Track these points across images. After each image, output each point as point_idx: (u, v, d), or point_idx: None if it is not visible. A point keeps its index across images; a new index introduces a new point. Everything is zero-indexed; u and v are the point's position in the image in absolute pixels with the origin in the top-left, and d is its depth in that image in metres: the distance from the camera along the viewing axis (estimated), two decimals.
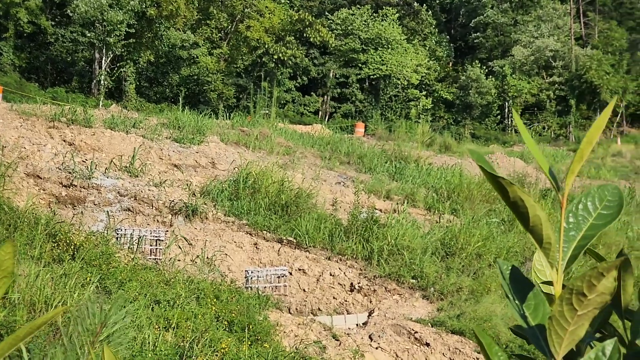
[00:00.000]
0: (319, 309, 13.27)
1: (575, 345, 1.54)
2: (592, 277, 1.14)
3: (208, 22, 55.75)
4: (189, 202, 15.30)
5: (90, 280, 9.42)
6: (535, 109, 65.27)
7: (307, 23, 54.23)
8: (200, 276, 11.90)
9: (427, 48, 69.27)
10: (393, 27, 63.14)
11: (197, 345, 8.19)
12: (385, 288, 13.55)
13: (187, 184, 16.82)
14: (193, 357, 7.98)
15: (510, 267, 1.43)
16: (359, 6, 65.82)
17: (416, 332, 11.35)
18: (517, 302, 1.35)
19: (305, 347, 9.72)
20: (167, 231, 14.05)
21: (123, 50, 46.78)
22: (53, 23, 49.46)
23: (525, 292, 1.36)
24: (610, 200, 1.36)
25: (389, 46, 62.13)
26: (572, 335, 1.18)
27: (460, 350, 10.97)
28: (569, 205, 1.35)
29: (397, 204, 18.58)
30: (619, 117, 64.63)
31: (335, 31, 60.88)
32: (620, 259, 1.14)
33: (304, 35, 55.13)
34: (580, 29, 72.05)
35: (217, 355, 8.20)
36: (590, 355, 1.17)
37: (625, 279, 1.77)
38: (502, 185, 1.24)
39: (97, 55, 46.62)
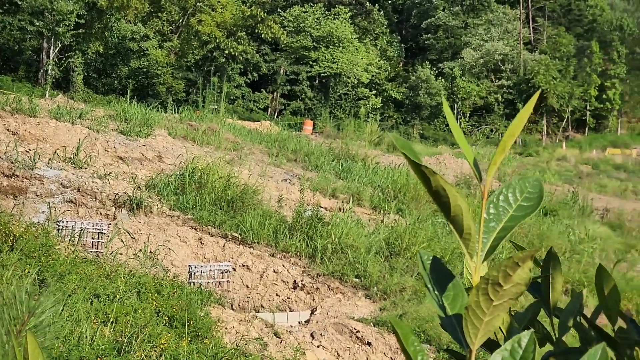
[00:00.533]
0: (261, 306, 13.22)
1: (503, 341, 1.54)
2: (508, 267, 1.13)
3: (159, 14, 55.28)
4: (133, 196, 15.16)
5: (28, 272, 9.27)
6: (484, 111, 66.01)
7: (259, 19, 54.20)
8: (142, 270, 11.78)
9: (378, 47, 69.67)
10: (345, 26, 63.40)
11: (135, 341, 8.09)
12: (329, 286, 13.55)
13: (133, 177, 16.66)
14: (131, 353, 7.88)
15: (431, 257, 1.42)
16: (311, 4, 65.88)
17: (358, 331, 11.37)
18: (436, 292, 1.34)
19: (246, 344, 9.68)
20: (110, 224, 13.88)
21: (72, 40, 46.12)
22: (1, 11, 48.49)
23: (445, 283, 1.35)
24: (531, 192, 1.36)
25: (340, 44, 62.33)
26: (487, 326, 1.17)
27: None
28: (490, 196, 1.34)
29: (343, 202, 18.62)
30: (564, 122, 65.74)
31: (287, 28, 60.88)
32: (535, 249, 1.14)
33: (256, 31, 55.06)
34: (529, 33, 73.26)
35: (156, 350, 8.11)
36: (507, 346, 1.16)
37: (554, 276, 1.78)
38: (425, 175, 1.23)
39: (45, 45, 45.90)
